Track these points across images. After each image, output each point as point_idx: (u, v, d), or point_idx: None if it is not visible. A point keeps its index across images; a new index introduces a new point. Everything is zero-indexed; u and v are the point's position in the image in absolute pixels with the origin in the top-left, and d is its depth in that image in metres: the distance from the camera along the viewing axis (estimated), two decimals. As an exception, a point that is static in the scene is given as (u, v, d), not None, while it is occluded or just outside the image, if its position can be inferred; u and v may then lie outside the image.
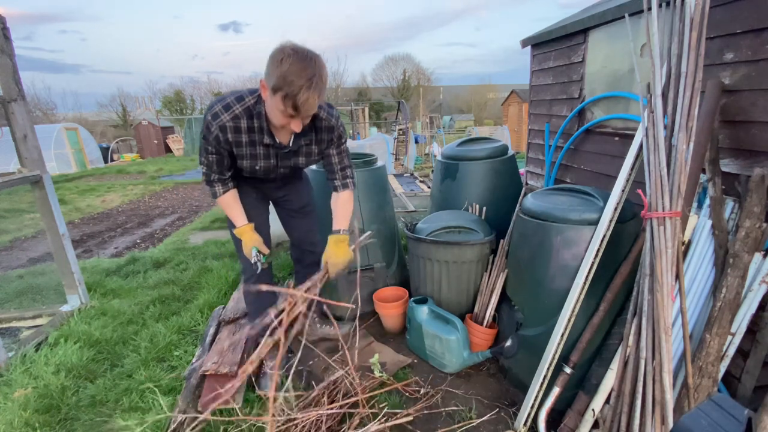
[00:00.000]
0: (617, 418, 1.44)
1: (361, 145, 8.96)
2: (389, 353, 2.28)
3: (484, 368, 2.16)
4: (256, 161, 1.69)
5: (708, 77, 1.64)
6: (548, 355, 1.65)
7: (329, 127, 1.71)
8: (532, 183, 3.47)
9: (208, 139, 1.62)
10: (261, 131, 1.60)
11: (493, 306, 2.21)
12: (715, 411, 0.68)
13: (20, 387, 2.01)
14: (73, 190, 9.49)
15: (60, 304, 2.89)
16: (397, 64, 37.37)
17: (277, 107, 1.41)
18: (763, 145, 1.48)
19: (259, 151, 1.67)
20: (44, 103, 26.89)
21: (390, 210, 2.81)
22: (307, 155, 1.77)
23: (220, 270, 3.38)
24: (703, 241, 1.54)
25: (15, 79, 2.42)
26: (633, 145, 1.63)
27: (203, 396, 1.85)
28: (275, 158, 1.72)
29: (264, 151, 1.67)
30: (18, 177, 2.47)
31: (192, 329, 2.57)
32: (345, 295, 2.60)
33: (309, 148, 1.75)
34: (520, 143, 15.42)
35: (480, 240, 2.25)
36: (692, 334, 1.51)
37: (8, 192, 7.33)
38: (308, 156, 1.78)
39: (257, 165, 1.70)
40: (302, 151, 1.74)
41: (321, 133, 1.71)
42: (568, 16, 3.12)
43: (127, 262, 3.88)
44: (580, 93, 2.72)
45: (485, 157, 2.77)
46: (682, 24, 1.43)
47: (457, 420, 1.79)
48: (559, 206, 1.77)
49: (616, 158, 2.35)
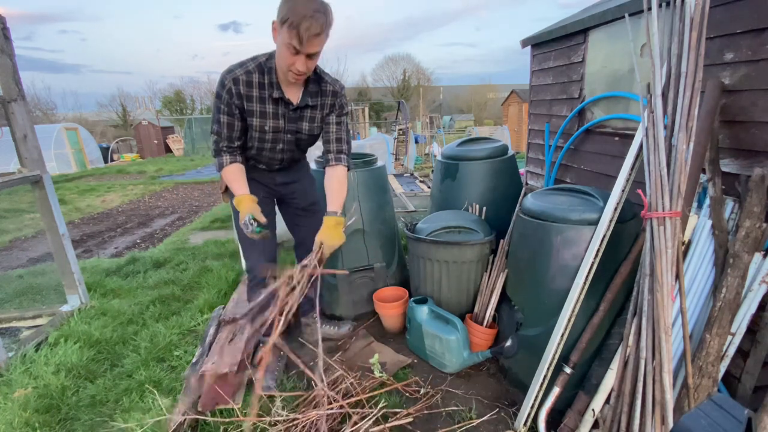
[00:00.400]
0: (617, 418, 1.44)
1: (361, 145, 8.94)
2: (389, 353, 2.28)
3: (484, 368, 2.16)
4: (266, 120, 1.76)
5: (708, 77, 1.64)
6: (548, 355, 1.65)
7: (333, 91, 1.84)
8: (532, 183, 3.47)
9: (220, 96, 1.69)
10: (271, 86, 1.70)
11: (493, 306, 2.21)
12: (715, 411, 0.68)
13: (20, 387, 2.01)
14: (73, 190, 9.49)
15: (60, 304, 2.89)
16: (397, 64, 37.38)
17: (283, 42, 1.51)
18: (763, 145, 1.48)
19: (269, 109, 1.74)
20: (44, 103, 26.90)
21: (390, 210, 2.81)
22: (311, 120, 1.85)
23: (220, 270, 3.38)
24: (703, 241, 1.54)
25: (15, 79, 2.42)
26: (633, 145, 1.63)
27: (203, 396, 1.86)
28: (283, 119, 1.79)
29: (273, 108, 1.75)
30: (18, 177, 2.47)
31: (192, 329, 2.57)
32: (345, 296, 2.60)
33: (314, 112, 1.84)
34: (520, 143, 15.42)
35: (480, 240, 2.25)
36: (692, 334, 1.51)
37: (8, 192, 7.33)
38: (312, 121, 1.86)
39: (266, 125, 1.76)
40: (307, 115, 1.83)
41: (325, 97, 1.83)
42: (568, 16, 3.12)
43: (127, 262, 3.87)
44: (580, 93, 2.72)
45: (485, 157, 2.77)
46: (682, 24, 1.43)
47: (457, 420, 1.79)
48: (559, 206, 1.77)
49: (616, 158, 2.35)
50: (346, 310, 2.64)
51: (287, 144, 1.89)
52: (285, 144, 1.88)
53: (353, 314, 2.66)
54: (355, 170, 2.53)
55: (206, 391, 1.86)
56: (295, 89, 1.77)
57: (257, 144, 1.83)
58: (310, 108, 1.82)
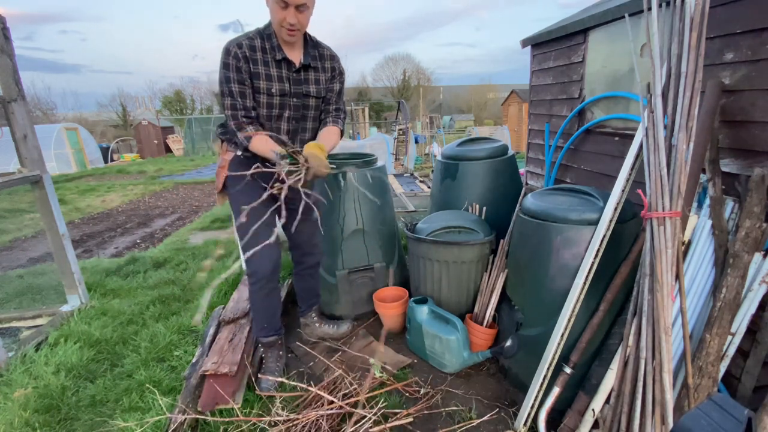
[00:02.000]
0: (617, 418, 1.44)
1: (361, 145, 8.94)
2: (389, 353, 2.28)
3: (484, 368, 2.16)
4: (272, 83, 1.81)
5: (708, 77, 1.64)
6: (548, 355, 1.65)
7: (331, 55, 1.97)
8: (532, 183, 3.47)
9: (228, 65, 1.74)
10: (273, 50, 1.79)
11: (493, 306, 2.21)
12: (715, 411, 0.68)
13: (20, 387, 2.01)
14: (73, 190, 9.49)
15: (60, 304, 2.89)
16: (397, 64, 37.41)
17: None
18: (763, 145, 1.48)
19: (273, 72, 1.81)
20: (44, 103, 26.94)
21: (390, 210, 2.81)
22: (316, 82, 1.93)
23: (220, 270, 3.38)
24: (703, 241, 1.53)
25: (15, 79, 2.42)
26: (633, 145, 1.63)
27: (203, 396, 1.85)
28: (288, 82, 1.85)
29: (277, 71, 1.82)
30: (18, 177, 2.47)
31: (192, 329, 2.57)
32: (345, 296, 2.60)
33: (317, 74, 1.93)
34: (520, 143, 15.42)
35: (480, 240, 2.25)
36: (692, 334, 1.51)
37: (8, 192, 7.33)
38: (317, 84, 1.93)
39: (273, 87, 1.82)
40: (311, 77, 1.91)
41: (325, 60, 1.95)
42: (568, 16, 3.12)
43: (127, 262, 3.87)
44: (580, 93, 2.72)
45: (485, 157, 2.77)
46: (682, 24, 1.43)
47: (457, 420, 1.79)
48: (559, 206, 1.77)
49: (616, 158, 2.35)
50: (346, 310, 2.64)
51: (293, 110, 1.91)
52: (291, 110, 1.91)
53: (353, 314, 2.66)
54: (354, 170, 2.53)
55: (206, 391, 1.86)
56: (296, 52, 1.85)
57: (265, 111, 1.85)
58: (313, 70, 1.91)
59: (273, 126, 1.91)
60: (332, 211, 2.54)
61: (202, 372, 1.88)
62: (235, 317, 2.37)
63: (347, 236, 2.56)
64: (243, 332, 2.20)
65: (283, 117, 1.90)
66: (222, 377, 1.86)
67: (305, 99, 1.93)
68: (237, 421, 1.73)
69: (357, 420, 1.64)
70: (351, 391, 1.85)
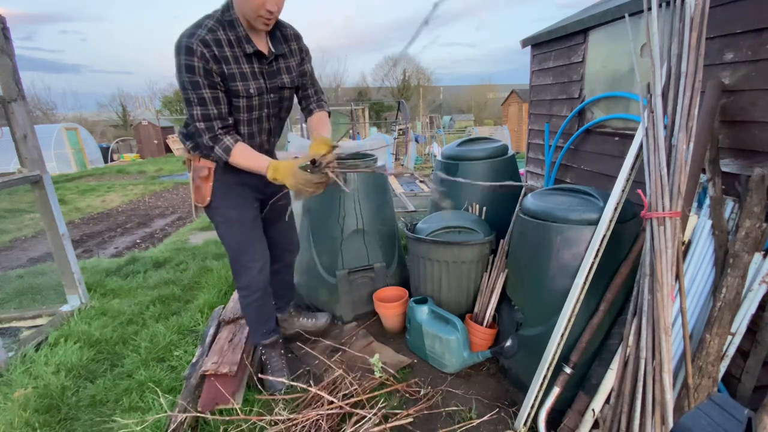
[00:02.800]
0: (617, 418, 1.44)
1: (361, 145, 8.94)
2: (389, 353, 2.28)
3: (484, 368, 2.16)
4: (248, 82, 1.61)
5: (708, 77, 1.64)
6: (548, 355, 1.65)
7: (295, 34, 1.77)
8: (532, 183, 3.47)
9: (193, 68, 1.47)
10: (240, 42, 1.56)
11: (493, 306, 2.21)
12: (715, 411, 0.68)
13: (20, 387, 2.01)
14: (73, 190, 9.49)
15: (60, 304, 2.89)
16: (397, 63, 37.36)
17: None
18: (763, 145, 1.48)
19: (246, 69, 1.60)
20: (44, 103, 26.95)
21: (390, 210, 2.81)
22: (288, 71, 1.74)
23: (220, 270, 3.37)
24: (703, 241, 1.54)
25: (15, 79, 2.42)
26: (633, 145, 1.63)
27: (203, 396, 1.85)
28: (262, 77, 1.66)
29: (250, 67, 1.61)
30: (18, 177, 2.47)
31: (192, 329, 2.57)
32: (345, 296, 2.60)
33: (286, 61, 1.74)
34: (520, 143, 15.43)
35: (480, 240, 2.25)
36: (692, 334, 1.51)
37: (8, 192, 7.32)
38: (289, 72, 1.75)
39: (250, 87, 1.62)
40: (282, 66, 1.72)
41: (290, 42, 1.75)
42: (568, 16, 3.12)
43: (127, 262, 3.88)
44: (580, 93, 2.72)
45: (485, 157, 2.77)
46: (682, 24, 1.43)
47: (457, 420, 1.79)
48: (559, 206, 1.77)
49: (616, 158, 2.35)
50: (346, 310, 2.63)
51: (272, 108, 1.75)
52: (270, 108, 1.74)
53: (353, 314, 2.65)
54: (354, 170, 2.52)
55: (206, 391, 1.86)
56: (262, 39, 1.64)
57: (245, 115, 1.67)
58: (282, 58, 1.71)
59: (253, 129, 1.74)
60: (332, 211, 2.54)
61: (202, 372, 1.88)
62: (235, 317, 2.38)
63: (347, 236, 2.56)
64: (243, 332, 2.20)
65: (262, 117, 1.74)
66: (222, 377, 1.86)
67: (281, 92, 1.75)
68: (237, 421, 1.73)
69: (357, 420, 1.64)
70: (351, 392, 1.85)
